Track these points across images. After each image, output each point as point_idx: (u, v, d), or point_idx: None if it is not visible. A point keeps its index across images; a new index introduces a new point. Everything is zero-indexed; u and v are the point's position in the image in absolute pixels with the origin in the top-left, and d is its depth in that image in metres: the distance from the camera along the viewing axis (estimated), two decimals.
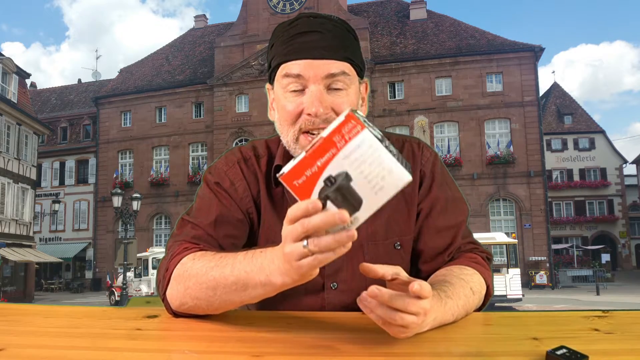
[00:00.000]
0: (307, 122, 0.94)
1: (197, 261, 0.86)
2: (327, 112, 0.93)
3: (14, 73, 26.50)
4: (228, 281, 0.79)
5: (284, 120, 0.97)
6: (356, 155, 0.61)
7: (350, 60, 0.96)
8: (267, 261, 0.75)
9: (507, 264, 18.15)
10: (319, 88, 0.93)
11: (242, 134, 31.63)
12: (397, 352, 0.70)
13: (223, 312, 0.90)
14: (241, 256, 0.80)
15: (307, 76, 0.93)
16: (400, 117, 29.94)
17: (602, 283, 25.21)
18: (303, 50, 0.93)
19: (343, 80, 0.94)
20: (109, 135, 34.92)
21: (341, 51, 0.95)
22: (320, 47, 0.93)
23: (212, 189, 1.02)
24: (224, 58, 33.46)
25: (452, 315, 0.83)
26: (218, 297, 0.81)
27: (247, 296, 0.79)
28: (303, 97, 0.94)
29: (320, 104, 0.92)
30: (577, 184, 43.00)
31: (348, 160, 0.61)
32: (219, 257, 0.84)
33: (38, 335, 0.80)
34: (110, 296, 22.93)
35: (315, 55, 0.93)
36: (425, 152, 1.08)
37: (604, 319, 0.86)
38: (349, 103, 0.95)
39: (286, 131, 0.97)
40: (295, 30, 0.96)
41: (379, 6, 35.90)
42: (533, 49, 29.23)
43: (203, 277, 0.82)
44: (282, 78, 0.96)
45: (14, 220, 26.45)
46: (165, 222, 33.07)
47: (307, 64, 0.93)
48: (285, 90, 0.96)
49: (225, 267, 0.81)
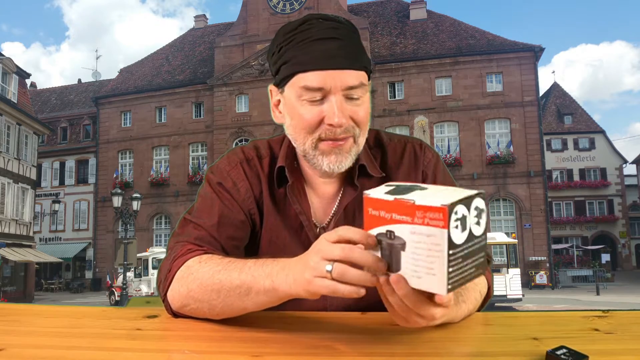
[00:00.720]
0: (328, 131, 0.93)
1: (204, 264, 0.86)
2: (348, 122, 0.93)
3: (14, 73, 26.50)
4: (233, 284, 0.79)
5: (302, 128, 0.95)
6: (421, 239, 0.61)
7: (365, 68, 0.95)
8: (276, 269, 0.75)
9: (507, 264, 18.16)
10: (340, 99, 0.92)
11: (242, 134, 31.62)
12: (397, 352, 0.70)
13: None
14: (251, 262, 0.81)
15: (328, 87, 0.91)
16: (400, 117, 29.94)
17: (602, 283, 25.23)
18: (322, 60, 0.91)
19: (361, 91, 0.94)
20: (109, 135, 34.92)
21: (359, 60, 0.94)
22: (340, 56, 0.91)
23: (215, 189, 1.02)
24: (224, 58, 33.45)
25: (461, 318, 0.85)
26: (221, 301, 0.81)
27: (250, 302, 0.79)
28: (322, 106, 0.93)
29: (342, 114, 0.91)
30: (577, 184, 43.00)
31: (413, 235, 0.62)
32: (227, 261, 0.84)
33: (38, 335, 0.80)
34: (110, 296, 22.93)
35: (334, 65, 0.91)
36: (427, 153, 1.08)
37: (604, 319, 0.86)
38: (364, 110, 0.95)
39: (303, 138, 0.96)
40: (309, 34, 0.93)
41: (379, 6, 35.89)
42: (533, 49, 29.23)
43: (208, 280, 0.82)
44: (300, 89, 0.93)
45: (14, 220, 26.45)
46: (165, 222, 33.06)
47: (327, 75, 0.91)
48: (302, 100, 0.94)
49: (232, 271, 0.81)
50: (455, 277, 0.61)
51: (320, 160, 0.96)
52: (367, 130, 1.00)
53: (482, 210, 0.62)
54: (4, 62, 25.56)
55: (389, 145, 1.08)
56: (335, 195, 1.04)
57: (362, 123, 0.96)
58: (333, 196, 1.04)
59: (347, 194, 1.02)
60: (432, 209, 0.59)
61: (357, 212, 1.03)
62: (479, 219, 0.61)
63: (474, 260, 0.62)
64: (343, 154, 0.95)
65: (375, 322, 0.85)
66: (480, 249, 0.63)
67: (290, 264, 0.74)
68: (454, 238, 0.59)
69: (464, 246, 0.60)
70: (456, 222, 0.59)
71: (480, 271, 0.64)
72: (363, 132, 0.97)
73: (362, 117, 0.95)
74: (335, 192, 1.04)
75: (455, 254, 0.60)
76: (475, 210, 0.61)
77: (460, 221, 0.59)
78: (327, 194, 1.04)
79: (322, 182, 1.04)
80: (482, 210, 0.62)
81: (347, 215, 1.02)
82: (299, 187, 1.03)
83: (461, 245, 0.60)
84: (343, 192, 1.03)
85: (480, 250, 0.63)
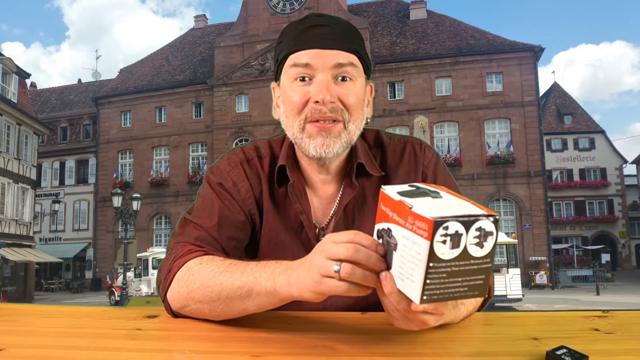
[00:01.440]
0: (314, 110, 0.94)
1: (205, 265, 0.85)
2: (334, 101, 0.93)
3: (14, 73, 26.49)
4: (234, 286, 0.79)
5: (290, 110, 0.97)
6: (408, 244, 0.61)
7: (357, 53, 0.97)
8: (278, 270, 0.75)
9: (507, 264, 18.19)
10: (326, 77, 0.94)
11: (242, 134, 31.62)
12: (397, 352, 0.70)
13: None
14: (253, 264, 0.81)
15: (315, 65, 0.93)
16: (400, 117, 29.93)
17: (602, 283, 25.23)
18: (312, 41, 0.95)
19: (350, 71, 0.95)
20: (109, 135, 34.92)
21: (350, 43, 0.96)
22: (330, 39, 0.95)
23: (215, 190, 1.01)
24: (224, 58, 33.46)
25: (460, 319, 0.85)
26: (222, 302, 0.81)
27: (251, 304, 0.79)
28: (310, 87, 0.94)
29: (328, 91, 0.92)
30: (577, 184, 43.00)
31: (403, 239, 0.62)
32: (229, 263, 0.84)
33: (38, 335, 0.79)
34: (110, 296, 22.93)
35: (324, 45, 0.94)
36: (427, 153, 1.08)
37: (604, 319, 0.86)
38: (355, 95, 0.96)
39: (292, 122, 0.97)
40: (303, 25, 0.97)
41: (379, 6, 35.89)
42: (533, 49, 29.22)
43: (210, 281, 0.82)
44: (290, 68, 0.96)
45: (14, 220, 26.45)
46: (165, 222, 33.06)
47: (315, 54, 0.94)
48: (292, 80, 0.96)
49: (234, 273, 0.80)
50: (434, 290, 0.60)
51: (307, 143, 0.96)
52: (360, 119, 0.98)
53: (489, 232, 0.59)
54: (4, 62, 25.56)
55: (388, 145, 1.08)
56: (335, 195, 1.04)
57: (352, 107, 0.96)
58: (332, 197, 1.04)
59: (346, 194, 1.02)
60: (421, 218, 0.59)
61: (356, 212, 1.02)
62: (482, 240, 0.59)
63: (468, 280, 0.61)
64: (331, 138, 0.95)
65: (375, 322, 0.85)
66: (480, 271, 0.61)
67: (292, 266, 0.74)
68: (439, 252, 0.58)
69: (451, 263, 0.59)
70: (444, 237, 0.58)
71: (476, 293, 0.61)
72: (354, 118, 0.96)
73: (352, 102, 0.95)
74: (334, 192, 1.04)
75: (437, 267, 0.58)
76: (477, 230, 0.59)
77: (451, 237, 0.58)
78: (326, 194, 1.04)
79: (321, 182, 1.04)
80: (489, 233, 0.59)
81: (346, 215, 1.02)
82: (300, 186, 1.03)
83: (447, 261, 0.59)
84: (342, 192, 1.03)
85: (480, 273, 0.61)
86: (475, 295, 0.62)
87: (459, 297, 0.61)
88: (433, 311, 0.66)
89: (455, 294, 0.61)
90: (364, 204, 1.03)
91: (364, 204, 1.03)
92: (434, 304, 0.64)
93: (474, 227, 0.58)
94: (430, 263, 0.58)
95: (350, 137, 0.97)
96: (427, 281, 0.59)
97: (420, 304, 0.61)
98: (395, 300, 0.65)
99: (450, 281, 0.60)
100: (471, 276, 0.61)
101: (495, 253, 0.61)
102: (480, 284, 0.61)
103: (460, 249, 0.59)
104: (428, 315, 0.66)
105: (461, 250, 0.59)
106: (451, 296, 0.61)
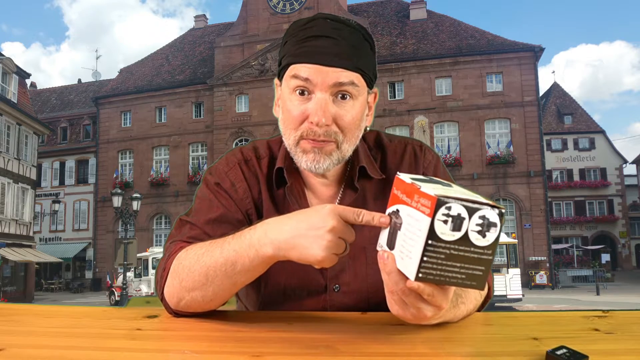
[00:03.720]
0: (309, 130, 0.93)
1: (190, 251, 0.87)
2: (329, 124, 0.92)
3: (14, 73, 26.49)
4: (217, 263, 0.81)
5: (288, 123, 0.97)
6: (411, 222, 0.63)
7: (361, 70, 0.94)
8: (256, 236, 0.78)
9: (507, 264, 18.19)
10: (325, 97, 0.92)
11: (242, 134, 31.63)
12: (397, 352, 0.70)
13: (222, 312, 0.90)
14: (230, 237, 0.82)
15: (315, 82, 0.92)
16: (400, 117, 29.93)
17: (602, 283, 25.22)
18: (314, 55, 0.92)
19: (351, 90, 0.93)
20: (109, 135, 34.92)
21: (353, 60, 0.93)
22: (332, 54, 0.92)
23: (212, 190, 1.01)
24: (224, 58, 33.46)
25: (460, 318, 0.85)
26: (210, 283, 0.82)
27: (239, 276, 0.80)
28: (308, 104, 0.93)
29: (324, 114, 0.91)
30: (577, 184, 42.99)
31: (408, 217, 0.64)
32: (209, 243, 0.85)
33: (38, 335, 0.79)
34: (110, 296, 22.93)
35: (325, 61, 0.92)
36: (427, 154, 1.08)
37: (604, 319, 0.86)
38: (352, 116, 0.94)
39: (288, 134, 0.97)
40: (309, 32, 0.94)
41: (379, 6, 35.89)
42: (533, 49, 29.22)
43: (195, 265, 0.83)
44: (290, 78, 0.95)
45: (14, 220, 26.44)
46: (165, 222, 33.05)
47: (316, 70, 0.92)
48: (292, 91, 0.95)
49: (214, 251, 0.82)
50: (430, 269, 0.60)
51: (300, 157, 0.96)
52: (356, 136, 0.98)
53: (492, 223, 0.59)
54: (4, 62, 25.55)
55: (389, 146, 1.08)
56: (334, 197, 1.03)
57: (347, 129, 0.95)
58: (332, 198, 1.03)
59: (346, 196, 1.02)
60: (425, 195, 0.60)
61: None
62: (485, 230, 0.59)
63: (467, 268, 0.61)
64: (322, 155, 0.94)
65: (375, 322, 0.85)
66: (480, 262, 0.61)
67: (270, 226, 0.78)
68: (439, 231, 0.59)
69: (451, 245, 0.60)
70: (446, 217, 0.59)
71: (474, 283, 0.62)
72: (348, 138, 0.96)
73: (348, 123, 0.94)
74: (334, 194, 1.03)
75: (435, 246, 0.59)
76: (480, 219, 0.59)
77: (452, 218, 0.59)
78: (325, 195, 1.03)
79: (320, 183, 1.03)
80: (492, 224, 0.59)
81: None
82: (298, 188, 1.02)
83: (447, 242, 0.59)
84: (342, 195, 1.02)
85: (480, 263, 0.61)
86: (473, 285, 0.62)
87: (455, 284, 0.62)
88: (430, 300, 0.66)
89: (452, 279, 0.61)
90: (364, 206, 1.02)
91: (364, 206, 1.02)
92: (430, 288, 0.65)
93: (477, 214, 0.59)
94: (429, 240, 0.59)
95: (343, 155, 0.97)
96: (425, 258, 0.60)
97: (415, 281, 0.62)
98: (394, 280, 0.66)
99: (448, 264, 0.61)
100: (470, 264, 0.61)
101: (496, 251, 0.62)
102: (479, 274, 0.62)
103: (461, 232, 0.59)
104: (424, 304, 0.67)
105: (462, 234, 0.59)
106: (448, 280, 0.62)
